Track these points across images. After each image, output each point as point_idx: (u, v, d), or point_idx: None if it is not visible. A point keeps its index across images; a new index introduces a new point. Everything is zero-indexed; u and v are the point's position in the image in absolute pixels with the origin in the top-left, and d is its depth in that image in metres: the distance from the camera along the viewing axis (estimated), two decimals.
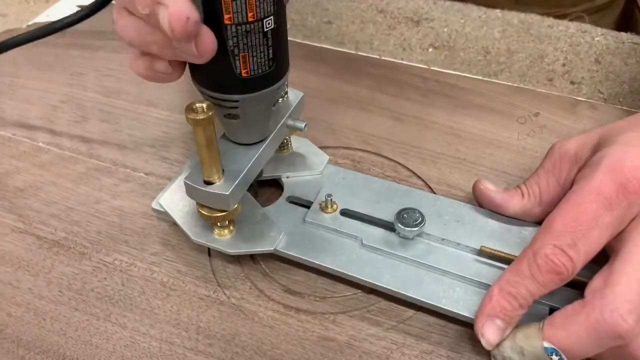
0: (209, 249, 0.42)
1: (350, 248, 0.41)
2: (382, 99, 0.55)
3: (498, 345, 0.34)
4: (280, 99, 0.42)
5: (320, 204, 0.43)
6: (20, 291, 0.40)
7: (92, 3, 0.42)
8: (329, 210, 0.42)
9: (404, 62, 0.61)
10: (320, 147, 0.49)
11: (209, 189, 0.37)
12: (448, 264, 0.39)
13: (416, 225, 0.40)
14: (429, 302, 0.37)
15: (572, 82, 0.59)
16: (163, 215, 0.43)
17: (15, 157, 0.51)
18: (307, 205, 0.43)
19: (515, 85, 0.57)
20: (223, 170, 0.37)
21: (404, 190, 0.44)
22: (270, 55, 0.34)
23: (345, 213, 0.43)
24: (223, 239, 0.40)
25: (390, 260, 0.40)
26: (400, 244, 0.40)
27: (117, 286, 0.40)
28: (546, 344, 0.32)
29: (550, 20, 0.63)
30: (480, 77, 0.58)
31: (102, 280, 0.41)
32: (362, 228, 0.41)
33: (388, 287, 0.38)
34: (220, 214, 0.38)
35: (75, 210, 0.46)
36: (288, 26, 0.67)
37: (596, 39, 0.60)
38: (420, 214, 0.40)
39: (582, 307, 0.32)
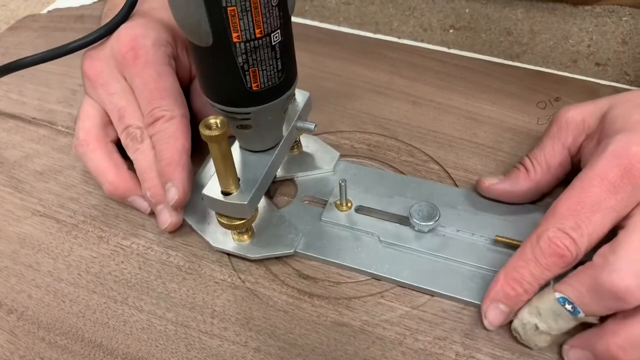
0: None
1: (367, 245, 0.41)
2: (399, 83, 0.54)
3: (516, 315, 0.35)
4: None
5: (335, 202, 0.43)
6: (40, 274, 0.41)
7: (107, 25, 0.44)
8: (344, 208, 0.42)
9: (423, 46, 0.60)
10: (336, 132, 0.49)
11: (228, 199, 0.37)
12: (464, 255, 0.39)
13: (431, 219, 0.39)
14: (449, 294, 0.37)
15: (597, 64, 0.58)
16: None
17: (35, 140, 0.51)
18: (322, 203, 0.44)
19: (538, 67, 0.56)
20: (239, 180, 0.38)
21: (417, 182, 0.44)
22: (279, 67, 0.34)
23: (360, 210, 0.43)
24: (243, 244, 0.41)
25: (408, 255, 0.40)
26: (416, 237, 0.40)
27: (134, 270, 0.41)
28: (558, 294, 0.32)
29: None
30: (501, 60, 0.57)
31: (119, 263, 0.41)
32: (377, 224, 0.41)
33: (408, 282, 0.38)
34: (239, 222, 0.38)
35: (94, 194, 0.46)
36: (307, 8, 0.67)
37: (624, 18, 0.58)
38: (435, 207, 0.40)
39: (587, 267, 0.32)
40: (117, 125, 0.44)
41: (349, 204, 0.43)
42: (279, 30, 0.33)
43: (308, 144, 0.47)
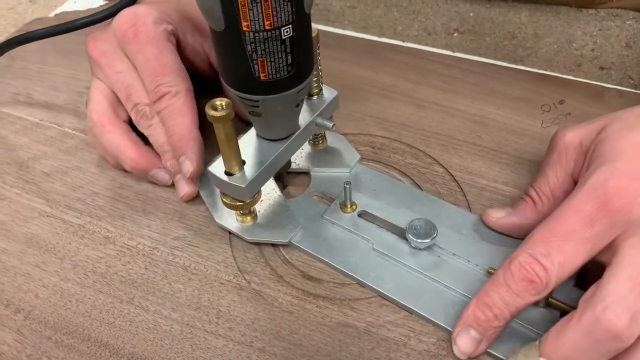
0: (229, 235, 0.43)
1: (361, 250, 0.41)
2: (404, 86, 0.54)
3: None
4: (316, 96, 0.43)
5: (340, 203, 0.43)
6: (47, 273, 0.41)
7: (114, 5, 0.45)
8: (348, 210, 0.43)
9: (427, 49, 0.60)
10: (341, 134, 0.49)
11: (229, 179, 0.38)
12: (453, 280, 0.38)
13: (427, 237, 0.39)
14: (426, 315, 0.37)
15: (601, 68, 0.58)
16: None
17: (42, 142, 0.52)
18: (329, 201, 0.44)
19: (542, 71, 0.56)
20: (244, 162, 0.39)
21: (429, 199, 0.43)
22: (289, 61, 0.35)
23: (363, 215, 0.43)
24: (244, 225, 0.42)
25: (397, 268, 0.40)
26: (411, 253, 0.40)
27: (140, 270, 0.41)
28: None
29: (579, 3, 0.61)
30: (505, 63, 0.57)
31: (125, 264, 0.42)
32: (376, 232, 0.41)
33: (389, 295, 0.38)
34: (240, 203, 0.39)
35: (100, 194, 0.47)
36: (312, 11, 0.67)
37: (627, 22, 0.58)
38: (434, 226, 0.39)
39: (575, 313, 0.31)
40: (125, 104, 0.45)
41: (354, 207, 0.43)
42: (290, 26, 0.33)
43: (333, 141, 0.48)
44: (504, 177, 0.45)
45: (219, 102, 0.35)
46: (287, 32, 0.33)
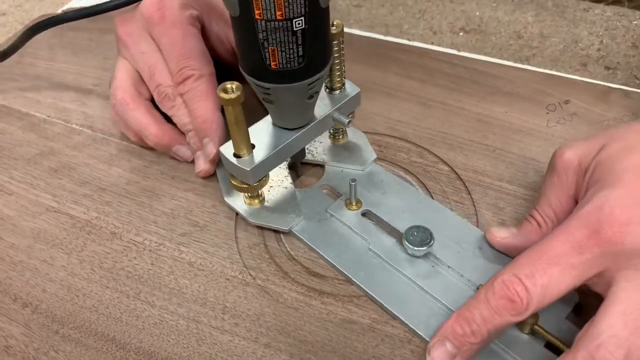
0: (235, 231, 0.43)
1: (357, 248, 0.41)
2: (410, 85, 0.54)
3: None
4: (338, 91, 0.43)
5: (346, 200, 0.43)
6: (54, 268, 0.42)
7: None
8: (353, 207, 0.43)
9: (433, 48, 0.60)
10: (362, 132, 0.49)
11: (236, 161, 0.39)
12: (442, 292, 0.38)
13: (422, 245, 0.39)
14: (406, 322, 0.37)
15: (606, 68, 0.58)
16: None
17: (50, 138, 0.52)
18: (337, 196, 0.44)
19: (547, 71, 0.56)
20: (254, 146, 0.40)
21: (435, 207, 0.43)
22: (300, 53, 0.35)
23: (366, 214, 0.43)
24: (250, 208, 0.43)
25: (388, 272, 0.39)
26: (406, 259, 0.40)
27: (146, 265, 0.41)
28: None
29: (585, 4, 0.61)
30: (510, 63, 0.57)
31: (132, 259, 0.42)
32: (375, 233, 0.41)
33: (374, 297, 0.38)
34: (246, 186, 0.41)
35: (107, 190, 0.47)
36: None
37: (634, 22, 0.59)
38: (431, 235, 0.39)
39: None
40: (148, 83, 0.47)
41: (359, 205, 0.43)
42: (302, 18, 0.33)
43: (353, 137, 0.48)
44: (508, 176, 0.45)
45: (230, 85, 0.36)
46: (299, 24, 0.33)
